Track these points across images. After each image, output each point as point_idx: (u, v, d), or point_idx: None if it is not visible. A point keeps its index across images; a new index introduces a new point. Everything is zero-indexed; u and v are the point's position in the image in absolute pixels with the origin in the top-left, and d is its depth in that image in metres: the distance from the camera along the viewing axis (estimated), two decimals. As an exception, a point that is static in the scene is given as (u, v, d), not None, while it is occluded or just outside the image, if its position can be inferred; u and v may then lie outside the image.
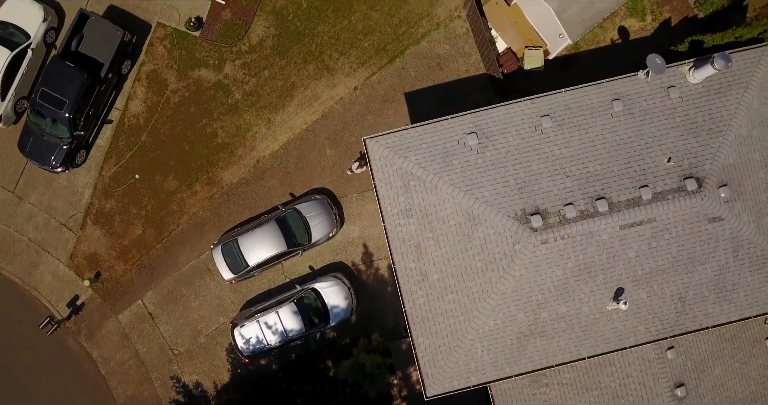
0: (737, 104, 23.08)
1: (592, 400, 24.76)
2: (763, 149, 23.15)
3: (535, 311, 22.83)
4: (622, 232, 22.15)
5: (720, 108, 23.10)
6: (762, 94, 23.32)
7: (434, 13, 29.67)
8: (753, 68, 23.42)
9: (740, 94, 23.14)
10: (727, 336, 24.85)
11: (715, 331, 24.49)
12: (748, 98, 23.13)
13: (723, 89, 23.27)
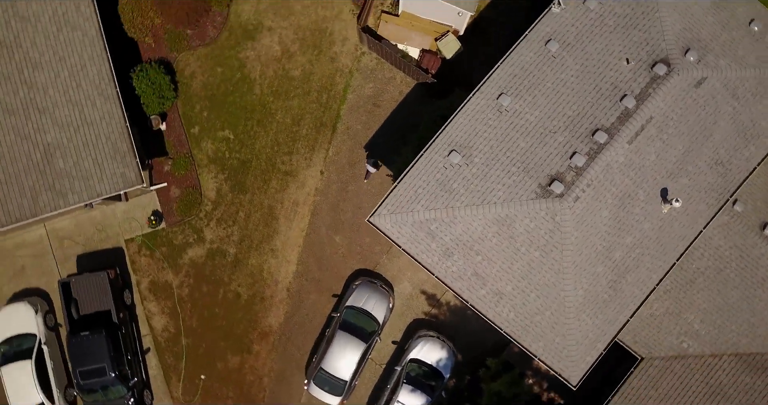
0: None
1: (701, 286, 25.18)
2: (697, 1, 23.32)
3: (608, 257, 22.82)
4: (632, 146, 22.22)
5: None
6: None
7: (340, 66, 29.97)
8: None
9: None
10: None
11: (763, 167, 24.59)
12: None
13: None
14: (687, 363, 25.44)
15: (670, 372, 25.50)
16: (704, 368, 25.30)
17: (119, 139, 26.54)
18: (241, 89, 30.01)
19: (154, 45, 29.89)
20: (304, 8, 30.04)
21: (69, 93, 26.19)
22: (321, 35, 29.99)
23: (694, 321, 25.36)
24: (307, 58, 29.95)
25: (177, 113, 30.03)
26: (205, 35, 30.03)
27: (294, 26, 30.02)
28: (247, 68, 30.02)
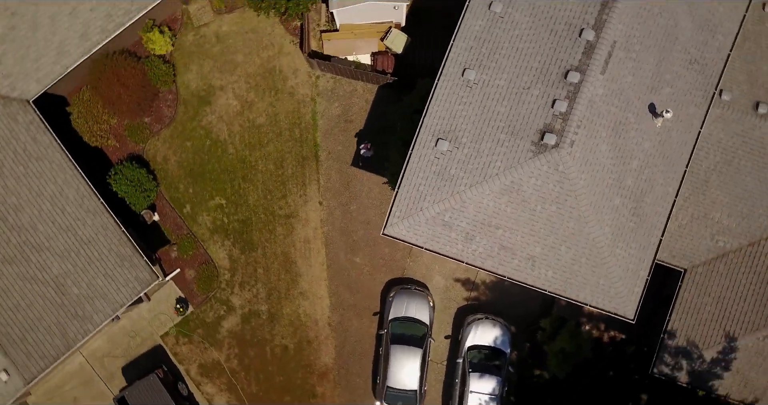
0: None
1: (717, 182, 23.89)
2: None
3: (621, 187, 21.44)
4: (606, 75, 20.81)
5: None
6: None
7: (301, 97, 28.55)
8: None
9: None
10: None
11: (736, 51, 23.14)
12: None
13: None
14: (728, 260, 24.20)
15: (716, 273, 24.41)
16: (746, 259, 24.03)
17: (121, 246, 25.19)
18: (215, 154, 28.50)
19: (118, 145, 28.44)
20: (246, 56, 28.55)
21: (57, 222, 24.76)
22: (272, 75, 28.51)
23: (722, 218, 24.05)
24: (267, 102, 28.47)
25: (164, 199, 28.60)
26: (162, 117, 28.43)
27: (243, 77, 28.53)
28: (214, 133, 28.50)
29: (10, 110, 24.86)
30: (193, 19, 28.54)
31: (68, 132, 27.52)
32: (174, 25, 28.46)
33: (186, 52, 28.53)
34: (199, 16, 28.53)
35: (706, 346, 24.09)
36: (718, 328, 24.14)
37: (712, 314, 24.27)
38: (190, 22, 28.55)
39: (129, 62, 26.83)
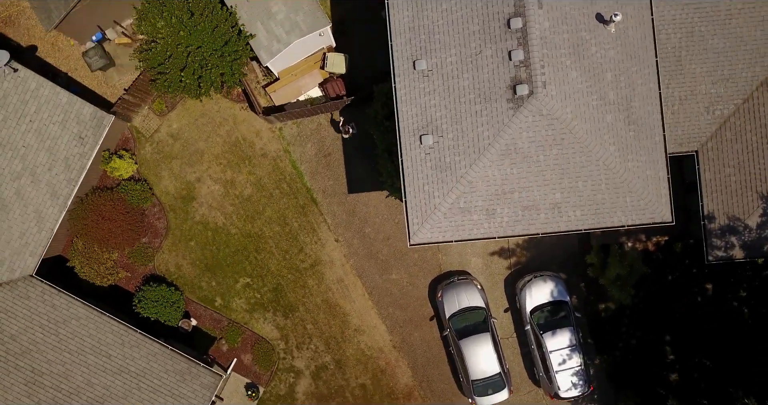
0: None
1: (689, 58, 21.48)
2: None
3: (606, 103, 19.12)
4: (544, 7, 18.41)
5: None
6: None
7: (274, 153, 25.95)
8: None
9: None
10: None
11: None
12: None
13: None
14: (731, 124, 22.09)
15: (726, 142, 22.47)
16: (747, 116, 21.81)
17: (175, 364, 22.91)
18: (221, 241, 25.91)
19: (129, 273, 25.94)
20: (207, 141, 26.17)
21: (108, 368, 22.37)
22: (238, 147, 26.09)
23: (708, 88, 21.86)
24: (246, 172, 26.06)
25: (194, 303, 26.09)
26: (157, 231, 25.84)
27: (212, 160, 26.05)
28: (211, 223, 25.87)
29: (20, 291, 22.46)
30: (142, 131, 25.91)
31: (79, 282, 25.04)
32: (128, 145, 25.85)
33: (151, 163, 25.85)
34: (146, 126, 25.92)
35: (748, 215, 21.88)
36: (751, 193, 21.94)
37: (739, 182, 22.06)
38: (141, 135, 25.89)
39: (104, 197, 24.34)
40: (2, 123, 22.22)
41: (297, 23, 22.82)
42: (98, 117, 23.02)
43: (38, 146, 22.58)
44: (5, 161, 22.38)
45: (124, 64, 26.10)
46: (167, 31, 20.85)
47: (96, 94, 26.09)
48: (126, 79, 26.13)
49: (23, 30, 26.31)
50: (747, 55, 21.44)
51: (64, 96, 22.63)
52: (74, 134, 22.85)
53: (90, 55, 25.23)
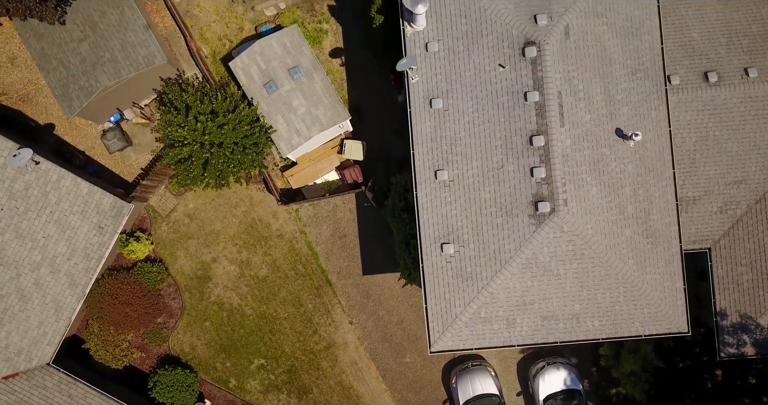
0: None
1: (703, 158, 21.85)
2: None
3: (625, 218, 19.44)
4: (566, 125, 18.72)
5: None
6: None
7: (290, 235, 26.08)
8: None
9: None
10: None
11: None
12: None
13: None
14: (744, 224, 22.35)
15: (739, 241, 22.75)
16: (759, 216, 22.17)
17: None
18: (236, 322, 25.95)
19: (144, 354, 25.91)
20: (223, 221, 26.27)
21: None
22: (254, 228, 26.20)
23: (721, 189, 22.19)
24: (262, 253, 26.14)
25: (208, 384, 26.16)
26: (173, 311, 25.85)
27: (229, 241, 26.10)
28: (226, 303, 25.93)
29: (37, 380, 22.47)
30: (159, 210, 26.00)
31: (93, 365, 25.06)
32: (144, 224, 25.91)
33: (167, 243, 25.95)
34: (163, 206, 26.02)
35: (760, 314, 22.16)
36: (763, 292, 22.29)
37: (751, 281, 22.40)
38: (158, 215, 25.98)
39: (121, 279, 24.37)
40: (23, 215, 22.34)
41: (317, 117, 23.06)
42: (118, 206, 23.16)
43: (58, 236, 22.70)
44: (25, 252, 22.49)
45: (141, 144, 26.26)
46: (191, 136, 21.07)
47: (113, 173, 26.26)
48: (143, 158, 26.28)
49: (41, 108, 26.44)
50: (760, 158, 21.77)
51: (85, 187, 22.76)
52: (94, 224, 22.98)
53: (108, 137, 25.38)
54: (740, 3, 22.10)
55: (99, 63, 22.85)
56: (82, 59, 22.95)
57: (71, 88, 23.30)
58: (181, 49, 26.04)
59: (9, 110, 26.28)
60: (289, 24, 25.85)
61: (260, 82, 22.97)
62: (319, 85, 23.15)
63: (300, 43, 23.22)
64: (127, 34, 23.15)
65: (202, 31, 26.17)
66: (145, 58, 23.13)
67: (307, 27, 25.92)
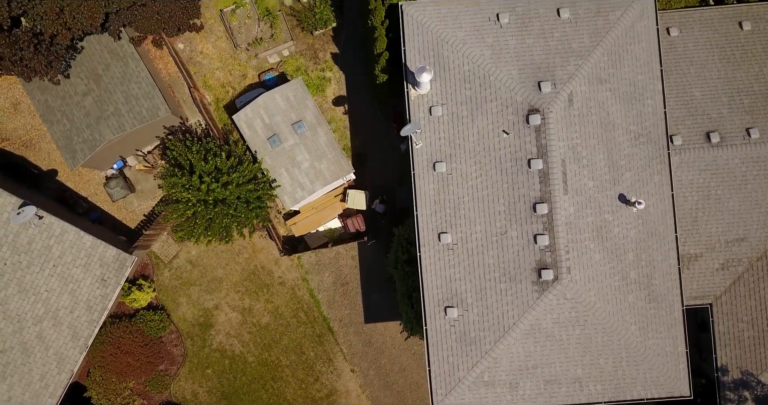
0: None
1: (705, 217, 21.87)
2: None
3: (628, 283, 19.47)
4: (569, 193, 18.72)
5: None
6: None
7: (292, 282, 26.15)
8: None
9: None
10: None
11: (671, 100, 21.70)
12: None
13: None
14: (745, 280, 22.47)
15: (740, 297, 22.91)
16: (761, 273, 22.25)
17: None
18: (238, 369, 25.98)
19: (146, 402, 25.94)
20: (226, 268, 26.35)
21: None
22: (257, 275, 26.25)
23: (723, 247, 22.27)
24: (264, 300, 26.22)
25: (212, 435, 25.83)
26: (174, 359, 25.91)
27: (231, 288, 26.21)
28: (228, 350, 25.96)
29: None
30: (161, 256, 26.03)
31: (95, 409, 24.98)
32: (147, 271, 25.93)
33: (169, 289, 25.99)
34: (165, 252, 26.06)
35: (761, 371, 22.13)
36: (764, 349, 22.30)
37: (752, 338, 22.44)
38: (160, 261, 26.01)
39: (122, 328, 24.46)
40: (26, 269, 22.34)
41: (321, 171, 23.13)
42: (121, 259, 23.16)
43: (61, 289, 22.70)
44: (28, 305, 22.50)
45: (144, 190, 26.29)
46: (195, 196, 21.12)
47: (116, 219, 26.31)
48: (146, 204, 26.30)
49: (44, 154, 26.47)
50: (762, 217, 21.84)
51: (88, 240, 22.77)
52: (97, 276, 22.99)
53: (111, 185, 25.41)
54: (742, 61, 22.25)
55: (103, 117, 22.89)
56: (86, 113, 23.00)
57: (75, 141, 23.33)
58: (185, 96, 26.11)
59: (12, 156, 26.34)
60: (293, 71, 25.98)
61: (264, 136, 23.03)
62: (323, 139, 23.22)
63: (304, 97, 23.29)
64: (131, 86, 23.21)
65: (205, 78, 26.26)
66: (149, 110, 23.19)
67: (311, 75, 26.04)
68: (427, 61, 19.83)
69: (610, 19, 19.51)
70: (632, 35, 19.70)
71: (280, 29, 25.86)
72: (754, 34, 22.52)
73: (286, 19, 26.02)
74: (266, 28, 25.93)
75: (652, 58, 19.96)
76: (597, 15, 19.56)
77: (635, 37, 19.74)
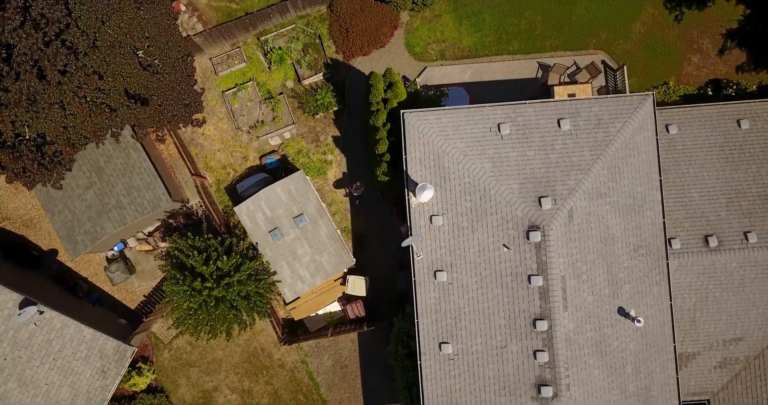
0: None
1: (703, 317, 22.00)
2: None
3: (626, 397, 19.64)
4: (569, 309, 18.92)
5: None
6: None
7: (291, 365, 26.14)
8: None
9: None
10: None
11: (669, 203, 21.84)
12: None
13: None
14: (742, 378, 22.57)
15: (736, 394, 23.08)
16: (757, 371, 22.47)
17: None
18: (238, 453, 25.75)
19: None
20: (226, 348, 26.31)
21: None
22: (256, 357, 26.32)
23: (719, 346, 22.42)
24: (263, 382, 26.29)
25: None
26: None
27: (231, 369, 26.30)
28: (227, 433, 25.80)
29: None
30: (161, 337, 26.07)
31: None
32: (147, 352, 25.93)
33: (169, 371, 26.04)
34: (165, 333, 26.11)
35: (758, 465, 22.16)
36: (762, 446, 22.31)
37: (750, 434, 22.42)
38: (160, 342, 26.05)
39: (123, 417, 24.24)
40: (27, 363, 22.36)
41: (322, 265, 23.22)
42: (121, 350, 23.20)
43: (61, 382, 22.72)
44: (28, 399, 22.49)
45: (144, 271, 26.34)
46: (197, 301, 21.20)
47: (116, 300, 26.35)
48: (147, 285, 26.34)
49: (44, 233, 26.49)
50: (759, 318, 21.96)
51: (89, 333, 22.80)
52: (97, 368, 23.03)
53: (111, 269, 25.46)
54: (740, 161, 22.41)
55: (104, 210, 22.96)
56: (88, 205, 23.06)
57: (76, 232, 23.38)
58: (186, 176, 26.16)
59: (12, 235, 26.39)
60: (294, 154, 26.08)
61: (265, 229, 23.12)
62: (324, 231, 23.33)
63: (305, 189, 23.39)
64: (133, 177, 23.29)
65: (206, 159, 26.34)
66: (150, 202, 23.26)
67: (312, 158, 26.15)
68: (428, 170, 19.97)
69: (610, 131, 19.69)
70: (632, 147, 19.87)
71: (281, 112, 25.98)
72: (752, 132, 22.75)
73: (287, 101, 26.15)
74: (268, 111, 26.04)
75: (651, 169, 20.14)
76: (597, 127, 19.74)
77: (635, 149, 19.91)
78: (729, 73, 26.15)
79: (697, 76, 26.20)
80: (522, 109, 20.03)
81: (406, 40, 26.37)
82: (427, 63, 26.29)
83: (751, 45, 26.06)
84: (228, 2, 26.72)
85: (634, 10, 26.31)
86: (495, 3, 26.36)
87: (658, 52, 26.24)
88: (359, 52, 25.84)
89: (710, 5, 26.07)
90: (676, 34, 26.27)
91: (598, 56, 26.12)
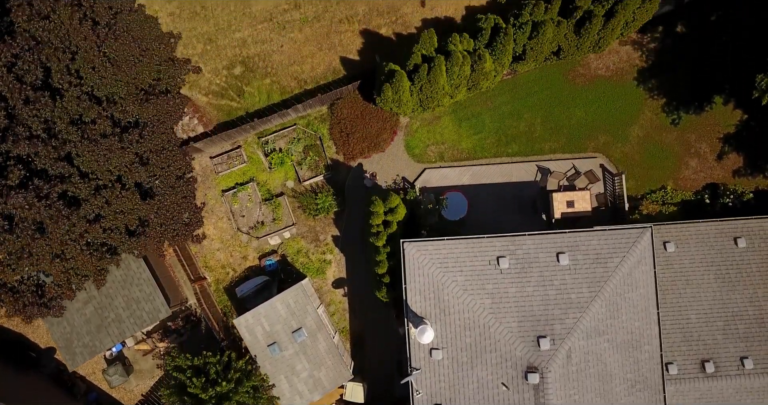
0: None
1: None
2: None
3: None
4: None
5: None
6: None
7: None
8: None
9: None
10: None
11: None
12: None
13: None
14: None
15: None
16: None
17: None
18: None
19: None
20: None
21: None
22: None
23: None
24: None
25: None
26: None
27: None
28: None
29: None
30: (157, 438, 25.93)
31: None
32: (143, 453, 25.81)
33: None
34: (162, 434, 25.94)
35: None
36: None
37: None
38: (156, 443, 25.92)
39: None
40: (24, 480, 22.39)
41: (320, 380, 23.21)
42: (119, 462, 23.28)
43: None
44: None
45: (142, 370, 26.31)
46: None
47: (114, 399, 26.28)
48: (144, 384, 26.31)
49: (43, 331, 26.40)
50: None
51: (87, 447, 22.87)
52: None
53: (110, 373, 25.41)
54: (737, 281, 22.50)
55: (103, 325, 22.96)
56: (87, 320, 23.04)
57: (75, 344, 23.36)
58: (185, 277, 26.17)
59: (10, 333, 26.32)
60: (293, 254, 26.08)
61: (264, 343, 23.12)
62: (323, 345, 23.35)
63: (305, 302, 23.40)
64: (132, 289, 23.28)
65: (205, 258, 26.33)
66: (149, 313, 23.26)
67: (311, 258, 26.16)
68: (428, 302, 20.01)
69: (609, 266, 19.78)
70: (630, 282, 19.97)
71: (281, 213, 26.01)
72: (748, 251, 22.85)
73: (288, 201, 26.18)
74: (268, 211, 26.06)
75: (649, 303, 20.22)
76: (596, 262, 19.83)
77: (633, 284, 20.00)
78: (726, 177, 26.31)
79: (695, 180, 26.33)
80: (521, 241, 20.10)
81: (405, 142, 26.47)
82: (426, 164, 26.37)
83: (749, 150, 26.25)
84: (229, 101, 26.77)
85: (633, 113, 26.46)
86: (495, 105, 26.51)
87: (656, 155, 26.38)
88: (360, 155, 25.89)
89: (708, 110, 26.27)
90: (674, 138, 26.42)
91: (597, 160, 26.24)
